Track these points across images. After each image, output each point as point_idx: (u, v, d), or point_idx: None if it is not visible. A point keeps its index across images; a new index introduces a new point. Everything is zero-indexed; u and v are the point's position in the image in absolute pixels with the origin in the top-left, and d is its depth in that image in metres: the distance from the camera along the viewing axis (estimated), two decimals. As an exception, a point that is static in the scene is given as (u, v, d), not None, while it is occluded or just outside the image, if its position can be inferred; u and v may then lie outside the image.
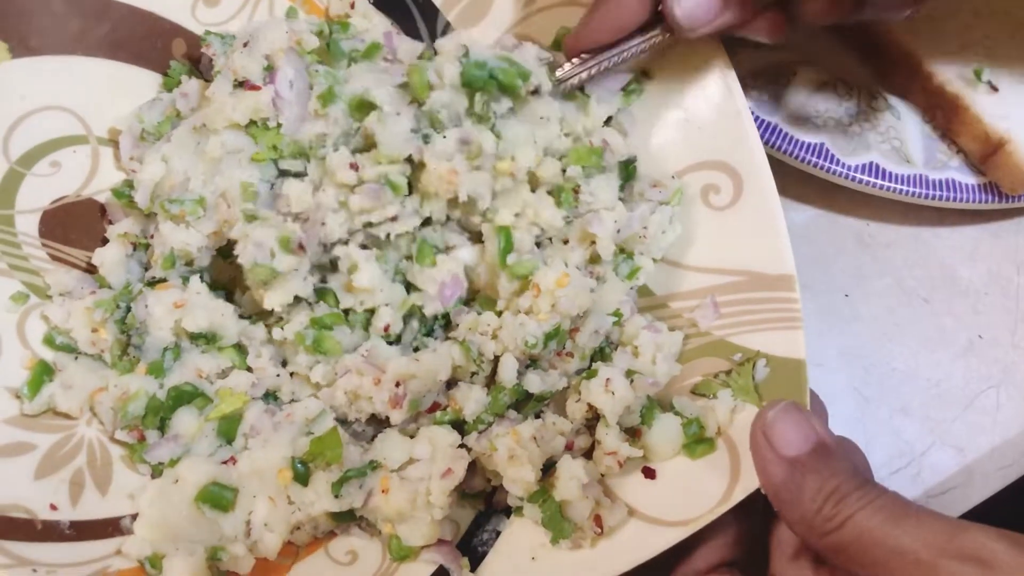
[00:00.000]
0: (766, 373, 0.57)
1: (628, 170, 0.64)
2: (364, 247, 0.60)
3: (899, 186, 0.69)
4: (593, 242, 0.61)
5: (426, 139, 0.58)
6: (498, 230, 0.59)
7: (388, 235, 0.59)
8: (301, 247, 0.56)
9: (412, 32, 0.70)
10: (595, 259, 0.62)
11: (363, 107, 0.61)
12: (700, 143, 0.64)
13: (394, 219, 0.59)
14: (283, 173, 0.62)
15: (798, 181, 0.71)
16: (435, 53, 0.69)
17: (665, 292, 0.64)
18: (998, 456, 0.68)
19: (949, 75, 0.71)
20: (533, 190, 0.62)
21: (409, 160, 0.58)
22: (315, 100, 0.61)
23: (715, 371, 0.59)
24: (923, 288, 0.72)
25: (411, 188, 0.60)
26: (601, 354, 0.61)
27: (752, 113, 0.69)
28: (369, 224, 0.59)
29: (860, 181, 0.69)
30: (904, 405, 0.69)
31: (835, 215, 0.74)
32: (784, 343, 0.57)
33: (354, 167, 0.58)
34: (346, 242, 0.59)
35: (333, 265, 0.61)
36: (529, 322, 0.58)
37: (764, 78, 0.71)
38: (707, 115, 0.63)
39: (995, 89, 0.71)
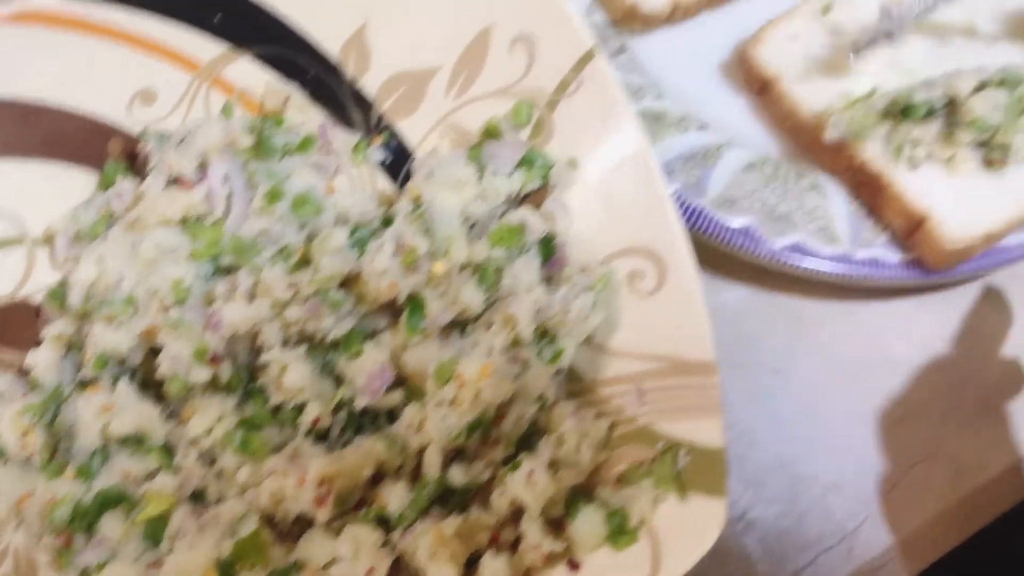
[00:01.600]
0: (687, 462, 0.58)
1: (548, 248, 0.65)
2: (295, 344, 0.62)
3: (825, 265, 0.71)
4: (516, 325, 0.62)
5: (361, 245, 0.60)
6: (408, 300, 0.61)
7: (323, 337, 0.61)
8: (215, 359, 0.58)
9: (347, 123, 0.72)
10: (518, 342, 0.63)
11: (306, 204, 0.63)
12: (626, 229, 0.65)
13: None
14: (221, 270, 0.64)
15: (728, 259, 0.73)
16: (368, 145, 0.71)
17: (593, 376, 0.65)
18: (929, 530, 0.69)
19: (872, 152, 0.73)
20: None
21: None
22: (261, 198, 0.63)
23: (640, 459, 0.60)
24: (854, 363, 0.74)
25: (345, 287, 0.61)
26: (528, 441, 0.62)
27: (678, 197, 0.71)
28: (303, 331, 0.61)
29: (787, 262, 0.71)
30: (836, 482, 0.70)
31: (765, 293, 0.75)
32: (704, 431, 0.58)
33: (292, 287, 0.59)
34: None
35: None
36: (452, 413, 0.59)
37: (691, 161, 0.73)
38: (632, 202, 0.65)
39: (915, 166, 0.72)
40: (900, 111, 0.72)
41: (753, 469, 0.61)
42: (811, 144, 0.75)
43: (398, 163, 0.72)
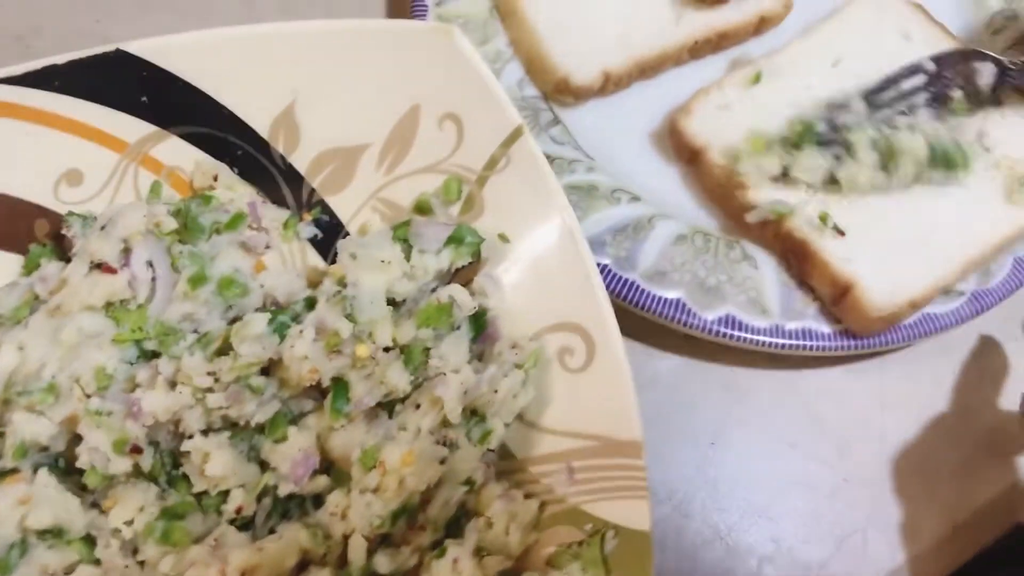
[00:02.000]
0: (614, 545, 0.58)
1: (479, 323, 0.65)
2: (218, 430, 0.61)
3: (756, 337, 0.71)
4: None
5: (282, 330, 0.60)
6: (333, 382, 0.60)
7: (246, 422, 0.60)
8: (136, 449, 0.57)
9: (278, 199, 0.72)
10: (447, 423, 0.63)
11: (232, 286, 0.63)
12: (556, 304, 0.65)
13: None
14: (145, 355, 0.63)
15: (662, 328, 0.73)
16: (299, 221, 0.71)
17: (524, 455, 0.65)
18: (865, 602, 0.69)
19: (798, 220, 0.74)
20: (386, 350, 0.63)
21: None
22: (185, 282, 0.63)
23: (569, 541, 0.60)
24: (789, 432, 0.74)
25: (268, 371, 0.61)
26: (457, 523, 0.62)
27: (609, 270, 0.72)
28: (226, 416, 0.60)
29: (718, 333, 0.71)
30: (772, 553, 0.70)
31: (700, 362, 0.76)
32: (631, 513, 0.58)
33: (211, 375, 0.59)
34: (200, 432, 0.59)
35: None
36: (376, 501, 0.58)
37: (623, 234, 0.73)
38: (561, 277, 0.65)
39: (841, 233, 0.73)
40: (794, 141, 0.74)
41: (690, 541, 0.61)
42: (738, 213, 0.76)
43: (329, 239, 0.72)
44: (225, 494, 0.60)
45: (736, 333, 0.71)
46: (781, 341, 0.71)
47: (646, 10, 0.80)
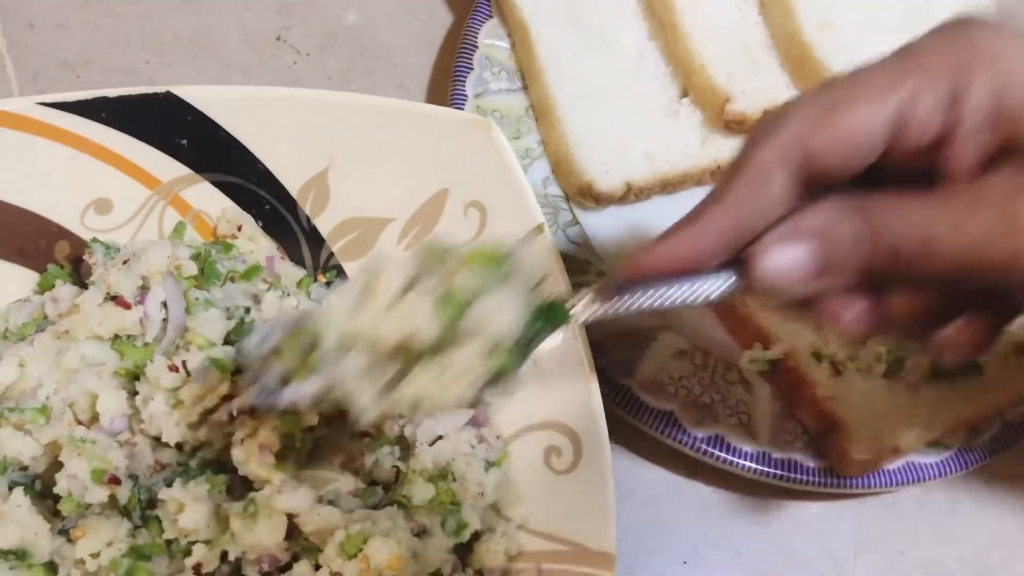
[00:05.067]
0: (575, 655, 0.58)
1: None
2: (195, 472, 0.61)
3: (742, 461, 0.72)
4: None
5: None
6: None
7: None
8: (115, 480, 0.57)
9: (296, 258, 0.74)
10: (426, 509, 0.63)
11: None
12: (550, 402, 0.66)
13: (230, 398, 0.61)
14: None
15: (650, 439, 0.74)
16: (314, 280, 0.73)
17: (496, 550, 0.65)
18: None
19: (796, 351, 0.74)
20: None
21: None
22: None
23: (531, 643, 0.60)
24: (761, 562, 0.74)
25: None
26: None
27: (606, 374, 0.73)
28: (208, 412, 0.61)
29: (705, 452, 0.72)
30: None
31: (683, 478, 0.76)
32: (597, 625, 0.58)
33: (174, 368, 0.60)
34: (171, 483, 0.60)
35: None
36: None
37: (624, 340, 0.75)
38: (557, 375, 0.66)
39: (838, 372, 0.75)
40: None
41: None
42: (739, 332, 0.78)
43: (339, 303, 0.73)
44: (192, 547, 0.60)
45: (723, 455, 0.72)
46: (766, 469, 0.72)
47: (674, 130, 0.83)
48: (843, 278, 0.46)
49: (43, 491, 0.62)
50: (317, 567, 0.58)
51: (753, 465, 0.72)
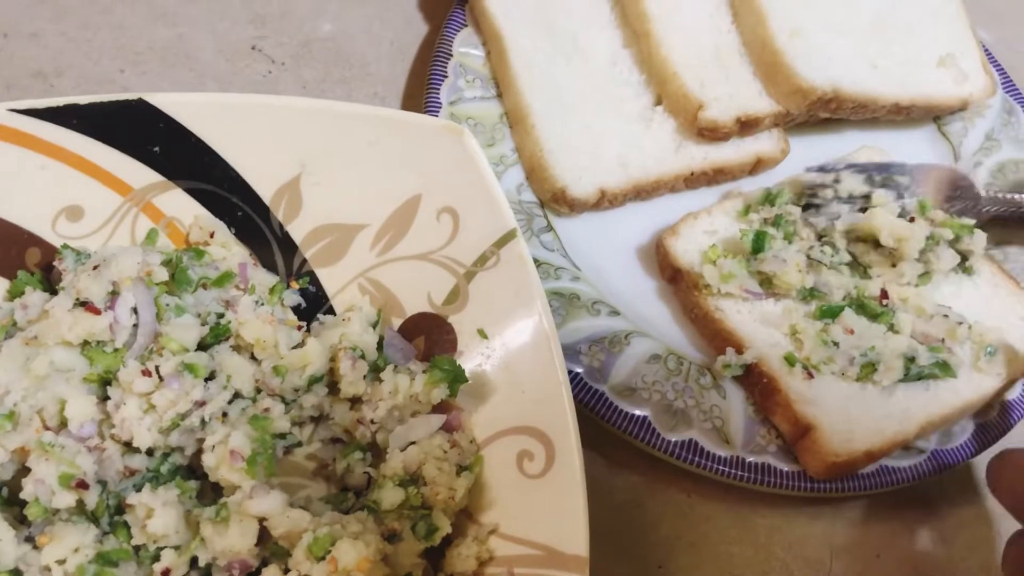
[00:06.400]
0: (547, 659, 0.57)
1: None
2: (166, 478, 0.61)
3: (716, 466, 0.72)
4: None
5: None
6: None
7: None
8: (83, 484, 0.57)
9: (269, 264, 0.73)
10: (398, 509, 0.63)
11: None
12: (522, 407, 0.66)
13: (202, 404, 0.61)
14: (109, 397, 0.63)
15: (625, 444, 0.74)
16: (287, 287, 0.73)
17: (468, 553, 0.64)
18: None
19: (768, 355, 0.75)
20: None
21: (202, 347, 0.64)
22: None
23: (503, 648, 0.59)
24: (737, 564, 0.74)
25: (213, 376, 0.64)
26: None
27: (580, 379, 0.73)
28: (180, 417, 0.61)
29: (679, 457, 0.72)
30: None
31: (658, 483, 0.76)
32: (568, 629, 0.58)
33: (147, 373, 0.60)
34: (141, 488, 0.59)
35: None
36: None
37: (598, 345, 0.75)
38: (532, 382, 0.66)
39: (810, 376, 0.75)
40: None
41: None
42: (712, 336, 0.78)
43: (312, 309, 0.73)
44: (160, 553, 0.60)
45: (697, 459, 0.72)
46: (740, 473, 0.72)
47: (648, 137, 0.83)
48: None
49: (10, 498, 0.62)
50: (286, 571, 0.58)
51: (727, 469, 0.72)
